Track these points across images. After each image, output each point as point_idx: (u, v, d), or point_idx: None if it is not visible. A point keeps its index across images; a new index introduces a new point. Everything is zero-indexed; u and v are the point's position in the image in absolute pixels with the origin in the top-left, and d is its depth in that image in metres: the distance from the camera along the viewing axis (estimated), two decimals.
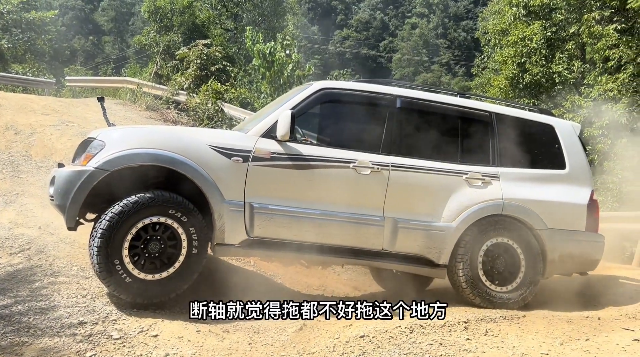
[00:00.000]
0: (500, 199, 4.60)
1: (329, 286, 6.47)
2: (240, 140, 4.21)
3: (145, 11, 21.85)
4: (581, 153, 5.01)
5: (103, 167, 3.82)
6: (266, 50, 13.95)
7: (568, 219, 4.77)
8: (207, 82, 14.54)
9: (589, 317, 4.33)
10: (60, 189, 3.88)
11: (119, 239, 3.72)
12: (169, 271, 3.88)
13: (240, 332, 3.80)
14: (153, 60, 20.74)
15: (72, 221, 3.91)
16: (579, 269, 4.93)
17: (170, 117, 13.32)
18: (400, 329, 3.73)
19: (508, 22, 14.93)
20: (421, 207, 4.50)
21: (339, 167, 4.30)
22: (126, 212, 3.73)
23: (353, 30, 68.68)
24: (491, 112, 4.88)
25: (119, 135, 4.13)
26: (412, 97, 4.74)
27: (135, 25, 54.87)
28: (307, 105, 4.44)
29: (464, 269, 4.49)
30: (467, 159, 4.69)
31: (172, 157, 3.92)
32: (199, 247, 3.97)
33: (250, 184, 4.11)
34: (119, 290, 3.77)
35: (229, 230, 4.07)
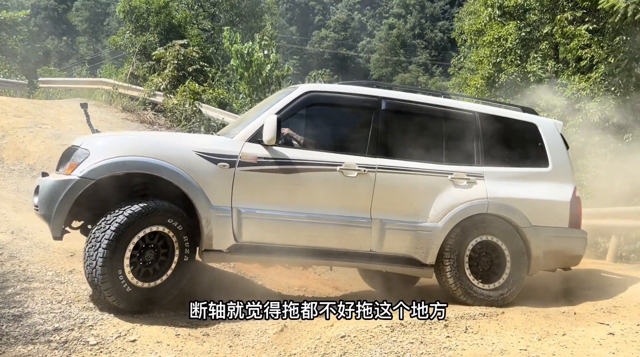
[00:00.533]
0: (485, 198, 4.66)
1: (310, 286, 6.45)
2: (226, 145, 4.19)
3: (121, 11, 21.49)
4: (563, 151, 5.08)
5: (88, 176, 3.78)
6: (244, 50, 13.86)
7: (551, 216, 4.85)
8: (185, 82, 14.39)
9: (566, 312, 4.40)
10: (45, 199, 3.84)
11: (122, 248, 3.71)
12: (162, 278, 3.91)
13: (220, 335, 3.76)
14: (129, 61, 20.44)
15: (58, 231, 3.86)
16: (563, 264, 5.02)
17: (147, 118, 13.16)
18: (381, 328, 3.73)
19: (483, 23, 15.13)
20: (408, 208, 4.54)
21: (326, 170, 4.32)
22: (132, 222, 3.73)
23: (331, 30, 68.79)
24: (475, 112, 4.94)
25: (104, 143, 4.08)
26: (397, 98, 4.77)
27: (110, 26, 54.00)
28: (293, 108, 4.43)
29: (451, 269, 4.54)
30: (452, 159, 4.75)
31: (157, 164, 3.90)
32: (190, 254, 4.01)
33: (238, 189, 4.11)
34: (119, 300, 3.74)
35: (217, 236, 4.06)
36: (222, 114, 14.82)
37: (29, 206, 6.52)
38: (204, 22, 24.99)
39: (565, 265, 5.03)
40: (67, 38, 55.41)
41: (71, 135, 9.81)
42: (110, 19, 55.44)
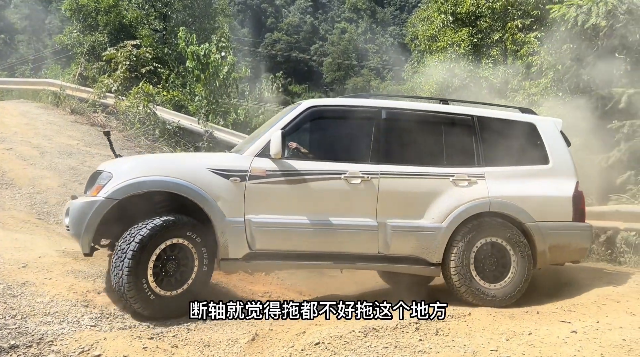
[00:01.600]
0: (487, 198, 4.83)
1: (274, 292, 6.37)
2: (236, 161, 4.53)
3: (67, 9, 20.60)
4: (563, 147, 5.24)
5: (112, 196, 4.14)
6: (200, 52, 13.58)
7: (555, 211, 5.00)
8: (137, 84, 13.94)
9: (529, 311, 4.53)
10: (74, 219, 4.20)
11: (146, 259, 4.02)
12: (183, 287, 4.20)
13: (190, 346, 3.64)
14: (76, 61, 19.59)
15: (87, 248, 4.19)
16: (569, 258, 5.18)
17: (98, 121, 12.67)
18: (354, 333, 3.72)
19: (437, 29, 15.49)
20: (412, 211, 4.74)
21: (331, 179, 4.58)
22: (154, 234, 4.06)
23: (284, 33, 68.68)
24: (473, 116, 5.12)
25: (125, 166, 4.50)
26: (396, 107, 5.04)
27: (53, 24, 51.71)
28: (298, 123, 4.74)
29: (456, 267, 4.69)
30: (453, 161, 4.94)
31: (174, 182, 4.26)
32: (208, 264, 4.31)
33: (249, 201, 4.41)
34: (144, 307, 4.02)
35: (232, 245, 4.36)
36: (177, 116, 14.45)
37: None
38: (156, 23, 24.34)
39: (572, 258, 5.19)
40: (5, 36, 52.68)
41: (17, 139, 9.32)
42: (52, 17, 53.12)
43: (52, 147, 9.42)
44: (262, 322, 4.15)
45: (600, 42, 9.64)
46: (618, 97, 8.97)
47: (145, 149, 12.11)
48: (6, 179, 7.69)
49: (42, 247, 5.35)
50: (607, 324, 3.93)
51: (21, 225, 6.29)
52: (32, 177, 7.85)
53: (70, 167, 8.64)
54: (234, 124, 14.68)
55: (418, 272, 4.85)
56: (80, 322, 3.76)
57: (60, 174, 8.27)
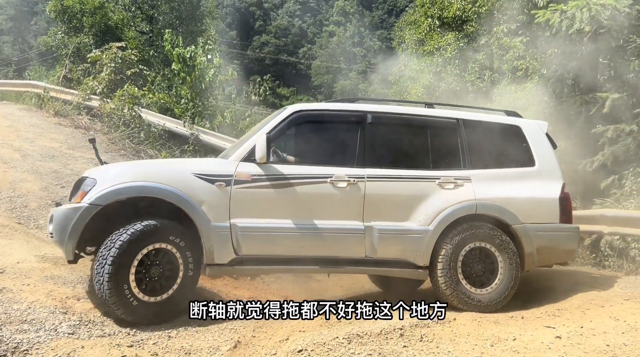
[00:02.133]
0: (473, 200, 4.84)
1: (259, 297, 6.31)
2: (222, 166, 4.52)
3: (52, 10, 20.36)
4: (549, 149, 5.26)
5: (96, 202, 4.10)
6: (187, 54, 13.49)
7: (541, 213, 5.02)
8: (122, 86, 13.79)
9: (514, 316, 4.52)
10: (58, 226, 4.16)
11: (127, 264, 3.98)
12: (169, 293, 4.15)
13: (170, 354, 3.57)
14: (61, 63, 19.36)
15: (71, 255, 4.16)
16: (557, 260, 5.21)
17: (83, 124, 12.49)
18: (338, 340, 3.67)
19: (424, 33, 15.56)
20: (398, 214, 4.74)
21: (317, 183, 4.58)
22: (134, 239, 4.02)
23: (272, 36, 68.62)
24: (458, 119, 5.14)
25: (109, 172, 4.47)
26: (382, 111, 5.05)
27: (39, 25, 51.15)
28: (283, 128, 4.73)
29: (443, 270, 4.69)
30: (439, 164, 4.97)
31: (158, 187, 4.23)
32: (194, 269, 4.27)
33: (235, 206, 4.38)
34: (126, 313, 3.98)
35: (218, 251, 4.33)
36: (163, 119, 14.32)
37: None
38: (142, 25, 24.16)
39: (559, 260, 5.22)
40: None
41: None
42: (38, 19, 52.54)
43: (34, 150, 9.26)
44: (244, 329, 4.10)
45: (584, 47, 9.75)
46: (602, 102, 9.07)
47: (130, 152, 11.97)
48: None
49: (21, 253, 5.23)
50: (591, 330, 3.93)
51: (0, 229, 6.16)
52: (13, 181, 7.70)
53: (52, 170, 8.50)
54: (220, 127, 14.60)
55: (405, 275, 4.84)
56: (57, 330, 3.67)
57: (42, 177, 8.13)
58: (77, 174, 8.57)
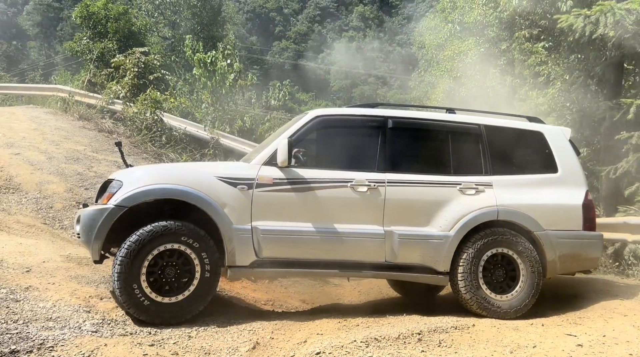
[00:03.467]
0: (495, 206, 4.82)
1: (277, 300, 6.36)
2: (244, 169, 4.60)
3: (78, 16, 20.83)
4: (572, 156, 5.23)
5: (122, 203, 4.20)
6: (207, 59, 13.67)
7: (564, 219, 4.97)
8: (145, 91, 14.03)
9: (534, 324, 4.47)
10: (85, 227, 4.27)
11: (137, 265, 4.07)
12: (185, 294, 4.19)
13: (190, 353, 3.62)
14: (85, 68, 19.77)
15: (97, 255, 4.26)
16: (580, 267, 5.14)
17: (106, 127, 12.72)
18: (355, 343, 3.68)
19: (444, 38, 15.50)
20: (419, 219, 4.74)
21: (338, 187, 4.61)
22: (142, 240, 4.10)
23: (291, 41, 69.01)
24: (480, 125, 5.12)
25: (135, 175, 4.56)
26: (403, 116, 5.07)
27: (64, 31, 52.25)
28: (304, 132, 4.78)
29: (463, 276, 4.67)
30: (460, 170, 4.95)
31: (182, 190, 4.31)
32: (212, 270, 4.28)
33: (256, 209, 4.45)
34: (137, 312, 4.07)
35: (239, 253, 4.39)
36: (184, 123, 14.53)
37: None
38: (165, 30, 24.56)
39: (582, 268, 5.15)
40: (17, 42, 53.29)
41: (24, 144, 9.39)
42: (63, 24, 53.68)
43: (59, 152, 9.47)
44: (262, 330, 4.14)
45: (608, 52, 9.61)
46: (627, 108, 8.91)
47: (152, 155, 12.15)
48: (13, 183, 7.73)
49: (47, 252, 5.36)
50: (613, 338, 3.88)
51: (26, 229, 6.31)
52: (39, 182, 7.88)
53: (76, 173, 8.68)
54: (240, 131, 14.75)
55: (425, 280, 4.83)
56: (81, 327, 3.75)
57: (67, 179, 8.30)
58: (101, 176, 8.74)
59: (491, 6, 13.73)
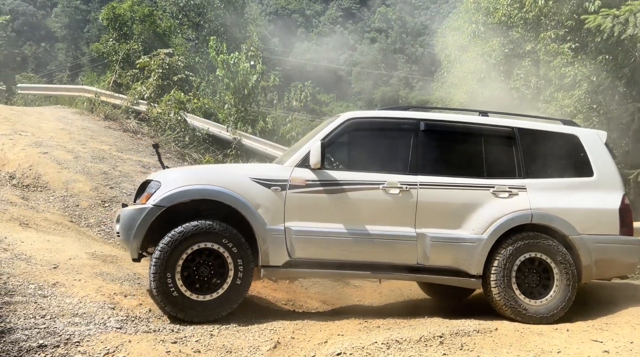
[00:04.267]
0: (529, 209, 4.77)
1: (298, 300, 6.38)
2: (277, 171, 4.66)
3: (104, 18, 21.26)
4: (608, 159, 5.14)
5: (160, 203, 4.32)
6: (230, 60, 13.79)
7: (600, 224, 4.89)
8: (169, 91, 14.22)
9: (558, 329, 4.39)
10: (124, 226, 4.38)
11: (175, 255, 4.19)
12: (212, 296, 4.27)
13: (212, 351, 3.65)
14: (111, 69, 20.14)
15: (136, 253, 4.37)
16: (617, 273, 5.04)
17: (130, 127, 12.93)
18: (377, 345, 3.67)
19: (468, 39, 15.34)
20: (451, 222, 4.72)
21: (370, 189, 4.62)
22: (186, 232, 4.22)
23: (313, 43, 69.16)
24: (514, 128, 5.09)
25: (173, 176, 4.69)
26: (435, 119, 5.10)
27: (91, 33, 53.33)
28: (337, 134, 4.83)
29: (496, 280, 4.63)
30: (493, 173, 4.92)
31: (218, 190, 4.40)
32: (243, 278, 4.35)
33: (289, 210, 4.50)
34: (165, 301, 4.16)
35: (273, 253, 4.44)
36: (207, 123, 14.68)
37: (10, 215, 6.32)
38: (189, 32, 24.87)
39: (619, 273, 5.06)
40: (46, 44, 54.56)
41: (52, 143, 9.60)
42: (90, 26, 54.78)
43: (85, 151, 9.65)
44: (283, 330, 4.16)
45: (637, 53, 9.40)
46: None
47: (175, 156, 12.31)
48: (41, 182, 7.91)
49: (73, 249, 5.47)
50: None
51: (54, 227, 6.45)
52: (66, 181, 8.05)
53: (102, 172, 8.84)
54: (262, 132, 14.84)
55: (458, 284, 4.79)
56: (106, 324, 3.82)
57: (93, 178, 8.46)
58: (126, 175, 8.88)
59: (516, 7, 13.55)
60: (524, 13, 13.02)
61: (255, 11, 29.39)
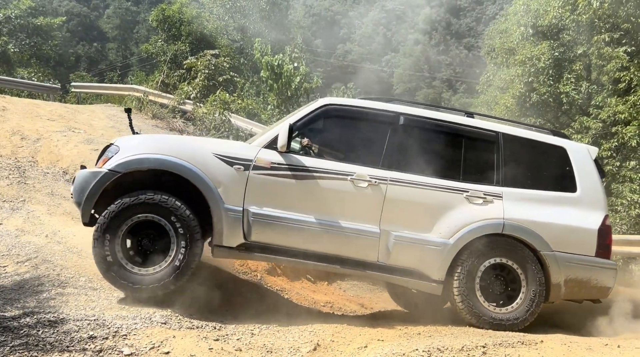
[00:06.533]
0: (502, 219, 4.60)
1: (336, 302, 6.38)
2: (243, 149, 4.48)
3: (154, 20, 21.90)
4: (595, 177, 4.93)
5: (115, 169, 4.18)
6: (274, 62, 13.95)
7: (576, 243, 4.70)
8: (214, 92, 14.50)
9: (608, 344, 4.21)
10: (77, 188, 4.26)
11: (117, 223, 4.10)
12: (149, 271, 4.16)
13: (253, 351, 3.70)
14: (160, 69, 20.72)
15: (87, 217, 4.25)
16: (588, 295, 4.84)
17: (177, 126, 13.27)
18: (417, 352, 3.61)
19: (516, 42, 14.97)
20: (418, 222, 4.55)
21: (337, 179, 4.44)
22: (124, 202, 4.11)
23: (356, 44, 69.05)
24: (498, 132, 4.90)
25: (133, 142, 4.47)
26: (416, 115, 4.83)
27: (140, 34, 55.02)
28: (311, 119, 4.64)
29: (459, 287, 4.51)
30: (470, 177, 4.73)
31: (176, 162, 4.22)
32: (185, 261, 4.17)
33: (250, 191, 4.33)
34: (98, 265, 4.10)
35: (228, 234, 4.28)
36: (250, 124, 14.89)
37: (63, 209, 6.59)
38: (234, 33, 25.29)
39: (591, 296, 4.85)
40: (98, 44, 56.63)
41: (103, 140, 9.93)
42: (139, 27, 56.52)
43: None
44: (323, 332, 4.16)
45: None
46: None
47: None
48: None
49: None
50: None
51: None
52: None
53: None
54: None
55: (417, 287, 4.65)
56: (152, 319, 3.91)
57: None
58: None
59: (568, 9, 13.12)
60: (576, 15, 12.59)
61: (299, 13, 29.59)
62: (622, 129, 10.54)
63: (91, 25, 58.79)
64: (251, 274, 6.19)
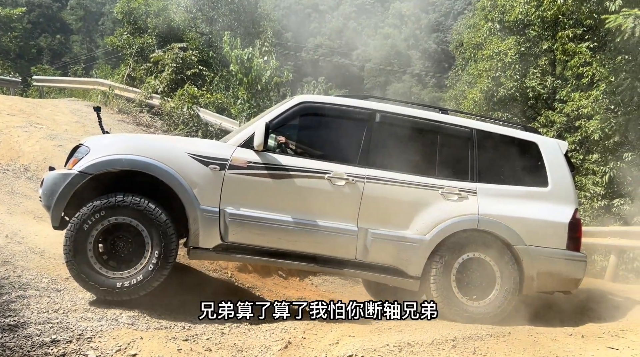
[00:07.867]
0: (476, 214, 4.66)
1: (308, 297, 6.36)
2: (218, 149, 4.40)
3: (119, 12, 21.35)
4: (565, 171, 5.02)
5: (86, 171, 4.05)
6: (244, 56, 13.79)
7: (547, 236, 4.80)
8: (182, 86, 14.27)
9: (573, 334, 4.33)
10: (47, 190, 4.13)
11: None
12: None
13: (223, 350, 3.64)
14: (125, 62, 20.24)
15: (57, 220, 4.11)
16: (559, 287, 4.95)
17: (144, 121, 13.00)
18: (388, 347, 3.63)
19: (483, 37, 15.19)
20: (395, 219, 4.58)
21: (314, 178, 4.43)
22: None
23: (326, 38, 69.00)
24: (472, 129, 4.95)
25: (104, 143, 4.34)
26: (392, 112, 4.85)
27: (105, 26, 53.71)
28: (287, 117, 4.60)
29: (435, 282, 4.56)
30: (445, 173, 4.77)
31: (149, 163, 4.12)
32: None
33: (226, 191, 4.27)
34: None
35: (204, 234, 4.22)
36: (219, 119, 14.71)
37: (24, 208, 6.36)
38: (202, 26, 24.88)
39: (562, 288, 4.97)
40: (61, 36, 55.02)
41: (67, 136, 9.65)
42: (105, 19, 55.13)
43: None
44: (294, 330, 4.13)
45: None
46: None
47: None
48: None
49: None
50: None
51: None
52: None
53: None
54: None
55: (394, 283, 4.68)
56: (118, 320, 3.82)
57: None
58: None
59: (533, 4, 13.37)
60: (541, 11, 12.83)
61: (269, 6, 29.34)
62: (585, 123, 10.84)
63: (54, 16, 57.03)
64: (221, 272, 6.12)
